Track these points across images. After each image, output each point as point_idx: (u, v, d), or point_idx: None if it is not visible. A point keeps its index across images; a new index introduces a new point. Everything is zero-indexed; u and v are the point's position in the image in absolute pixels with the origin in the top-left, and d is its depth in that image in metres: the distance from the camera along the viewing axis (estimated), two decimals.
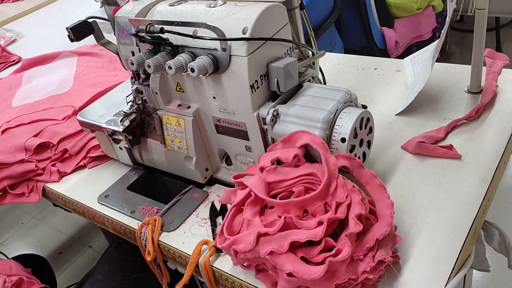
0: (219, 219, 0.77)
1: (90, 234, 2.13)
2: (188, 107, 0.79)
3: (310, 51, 0.83)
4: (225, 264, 0.69)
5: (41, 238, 2.19)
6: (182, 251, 0.74)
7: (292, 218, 0.60)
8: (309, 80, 0.79)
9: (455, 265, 0.61)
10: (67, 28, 0.83)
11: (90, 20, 0.85)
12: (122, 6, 0.83)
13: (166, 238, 0.76)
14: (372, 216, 0.63)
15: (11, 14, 2.16)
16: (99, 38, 0.88)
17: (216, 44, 0.70)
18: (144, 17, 0.79)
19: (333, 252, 0.57)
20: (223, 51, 0.69)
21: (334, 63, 1.12)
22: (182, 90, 0.79)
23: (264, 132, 0.74)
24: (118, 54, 0.86)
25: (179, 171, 0.86)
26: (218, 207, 0.79)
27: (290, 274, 0.57)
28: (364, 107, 0.76)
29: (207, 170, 0.84)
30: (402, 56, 1.83)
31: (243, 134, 0.76)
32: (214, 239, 0.73)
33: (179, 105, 0.81)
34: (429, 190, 0.73)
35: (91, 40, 0.88)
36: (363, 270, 0.57)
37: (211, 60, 0.70)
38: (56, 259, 2.04)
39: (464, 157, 0.77)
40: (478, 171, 0.74)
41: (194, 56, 0.72)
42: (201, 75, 0.71)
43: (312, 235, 0.58)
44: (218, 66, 0.70)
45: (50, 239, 2.16)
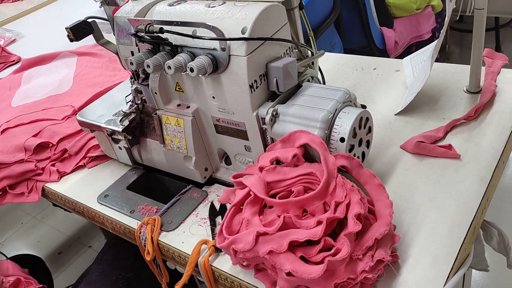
0: (219, 219, 0.77)
1: (89, 234, 2.13)
2: (188, 107, 0.79)
3: (309, 51, 0.83)
4: (224, 263, 0.70)
5: (40, 238, 2.19)
6: (182, 251, 0.74)
7: (291, 217, 0.60)
8: (308, 80, 0.79)
9: (454, 264, 0.61)
10: (66, 28, 0.83)
11: (90, 20, 0.85)
12: (121, 6, 0.83)
13: (166, 238, 0.77)
14: (371, 216, 0.63)
15: (10, 14, 2.16)
16: (99, 38, 0.88)
17: (216, 44, 0.70)
18: (144, 17, 0.79)
19: (332, 251, 0.57)
20: (222, 51, 0.69)
21: (333, 63, 1.12)
22: (181, 90, 0.79)
23: (263, 132, 0.74)
24: (117, 54, 0.87)
25: (179, 171, 0.86)
26: (218, 206, 0.79)
27: (289, 274, 0.57)
28: (363, 107, 0.76)
29: (206, 169, 0.84)
30: (402, 56, 1.83)
31: (242, 134, 0.76)
32: (214, 238, 0.73)
33: (179, 105, 0.81)
34: (428, 189, 0.73)
35: (90, 40, 0.88)
36: (362, 270, 0.57)
37: (210, 60, 0.70)
38: (55, 259, 2.04)
39: (463, 156, 0.77)
40: (477, 171, 0.74)
41: (194, 56, 0.72)
42: (200, 75, 0.72)
43: (311, 234, 0.58)
44: (218, 66, 0.71)
45: (50, 239, 2.16)
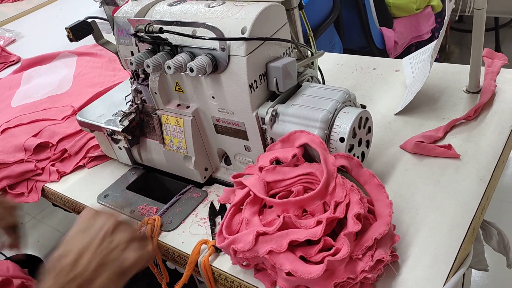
0: (218, 219, 0.77)
1: None
2: (187, 107, 0.79)
3: (309, 51, 0.83)
4: (224, 263, 0.70)
5: (40, 238, 2.18)
6: (181, 251, 0.74)
7: (291, 217, 0.60)
8: (308, 80, 0.79)
9: (453, 264, 0.61)
10: (66, 28, 0.83)
11: (89, 20, 0.85)
12: (121, 6, 0.83)
13: (166, 238, 0.77)
14: (371, 216, 0.63)
15: (10, 14, 2.16)
16: (99, 38, 0.88)
17: (215, 44, 0.70)
18: (143, 17, 0.79)
19: (332, 251, 0.57)
20: (222, 51, 0.69)
21: (333, 63, 1.12)
22: (181, 90, 0.79)
23: (263, 132, 0.74)
24: (117, 54, 0.87)
25: (178, 171, 0.86)
26: (217, 206, 0.79)
27: (289, 273, 0.57)
28: (363, 106, 0.76)
29: (206, 169, 0.84)
30: (401, 56, 1.83)
31: (242, 134, 0.76)
32: (213, 238, 0.73)
33: (178, 105, 0.81)
34: (427, 189, 0.73)
35: (90, 40, 0.88)
36: (361, 269, 0.57)
37: (210, 60, 0.70)
38: None
39: (463, 156, 0.77)
40: (477, 171, 0.74)
41: (193, 56, 0.72)
42: (200, 75, 0.72)
43: (311, 234, 0.58)
44: (217, 66, 0.71)
45: (50, 239, 2.16)
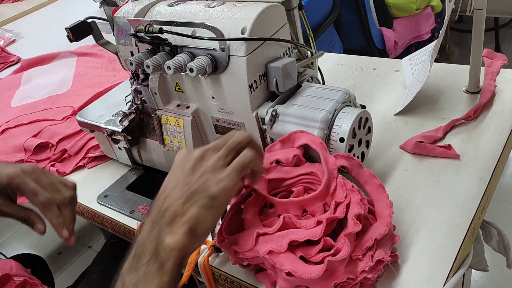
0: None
1: (89, 234, 2.13)
2: (187, 107, 0.79)
3: (309, 51, 0.83)
4: (224, 263, 0.69)
5: (40, 239, 2.18)
6: None
7: (291, 217, 0.60)
8: (308, 80, 0.79)
9: (453, 264, 0.61)
10: (66, 28, 0.83)
11: (89, 20, 0.85)
12: (121, 7, 0.83)
13: None
14: (371, 216, 0.63)
15: (10, 14, 2.16)
16: (98, 38, 0.88)
17: (215, 44, 0.70)
18: (143, 17, 0.79)
19: (332, 251, 0.57)
20: (222, 51, 0.69)
21: (333, 63, 1.12)
22: (181, 90, 0.79)
23: (263, 132, 0.74)
24: (117, 55, 0.87)
25: None
26: None
27: (289, 274, 0.57)
28: (363, 107, 0.76)
29: None
30: (401, 56, 1.83)
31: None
32: (213, 238, 0.73)
33: (178, 105, 0.81)
34: (427, 189, 0.73)
35: (90, 40, 0.88)
36: (362, 270, 0.57)
37: (210, 60, 0.70)
38: (55, 259, 2.04)
39: (463, 156, 0.77)
40: (477, 171, 0.74)
41: (193, 56, 0.72)
42: (200, 75, 0.72)
43: (311, 234, 0.58)
44: (217, 66, 0.71)
45: (50, 240, 2.16)
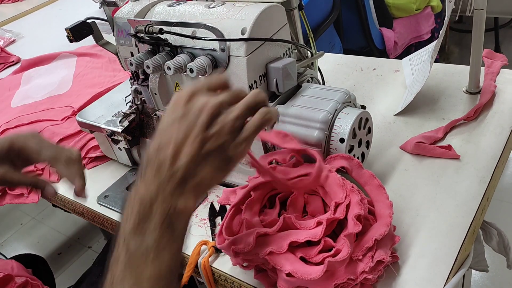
0: (218, 220, 0.77)
1: (89, 235, 2.13)
2: None
3: (309, 52, 0.83)
4: (224, 264, 0.69)
5: (40, 239, 2.18)
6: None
7: (291, 218, 0.60)
8: (308, 81, 0.79)
9: (454, 265, 0.61)
10: (66, 28, 0.83)
11: (89, 20, 0.85)
12: (121, 7, 0.83)
13: None
14: (371, 216, 0.63)
15: (10, 14, 2.15)
16: (98, 38, 0.88)
17: (215, 45, 0.70)
18: (143, 17, 0.79)
19: (332, 252, 0.57)
20: (222, 51, 0.69)
21: (333, 64, 1.12)
22: None
23: None
24: (117, 55, 0.87)
25: None
26: (217, 207, 0.79)
27: (289, 274, 0.57)
28: (363, 107, 0.76)
29: None
30: (401, 56, 1.83)
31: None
32: (213, 239, 0.73)
33: None
34: (428, 190, 0.73)
35: (90, 40, 0.88)
36: (362, 270, 0.57)
37: (210, 60, 0.70)
38: (55, 260, 2.04)
39: (463, 157, 0.77)
40: (477, 171, 0.74)
41: (193, 56, 0.72)
42: (200, 76, 0.71)
43: (311, 235, 0.58)
44: (217, 66, 0.71)
45: (50, 240, 2.16)
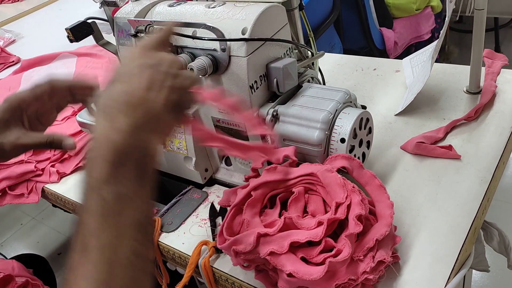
0: (219, 220, 0.77)
1: None
2: None
3: (309, 52, 0.83)
4: (225, 264, 0.69)
5: (40, 239, 2.18)
6: (182, 252, 0.74)
7: (292, 218, 0.60)
8: (308, 81, 0.79)
9: (454, 265, 0.61)
10: (66, 28, 0.83)
11: (90, 20, 0.85)
12: (121, 7, 0.83)
13: (166, 239, 0.76)
14: (372, 217, 0.63)
15: (10, 14, 2.15)
16: (99, 38, 0.88)
17: (216, 45, 0.70)
18: (144, 17, 0.79)
19: (333, 252, 0.57)
20: (223, 51, 0.69)
21: (333, 64, 1.12)
22: None
23: None
24: (117, 55, 0.86)
25: (179, 172, 0.86)
26: (218, 207, 0.79)
27: (290, 275, 0.57)
28: (364, 107, 0.76)
29: (206, 170, 0.84)
30: (401, 56, 1.83)
31: (242, 135, 0.76)
32: (214, 239, 0.73)
33: None
34: (428, 190, 0.73)
35: (90, 41, 0.88)
36: (363, 271, 0.57)
37: (211, 60, 0.70)
38: (55, 260, 2.04)
39: (464, 157, 0.77)
40: (478, 171, 0.74)
41: (194, 56, 0.72)
42: (200, 76, 0.71)
43: (312, 235, 0.58)
44: (218, 66, 0.70)
45: (50, 240, 2.16)
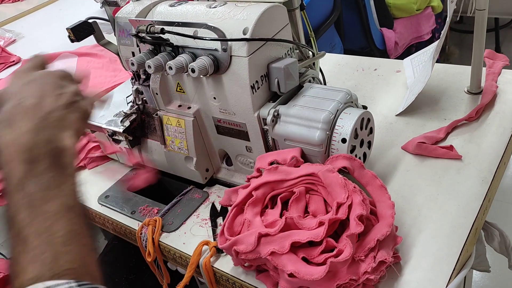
0: (220, 220, 0.77)
1: None
2: (189, 108, 0.79)
3: (310, 52, 0.83)
4: (225, 264, 0.69)
5: None
6: (183, 252, 0.74)
7: (293, 218, 0.60)
8: (309, 81, 0.79)
9: (456, 265, 0.61)
10: (67, 28, 0.83)
11: (91, 20, 0.85)
12: (122, 7, 0.83)
13: (167, 239, 0.76)
14: (373, 217, 0.63)
15: (10, 14, 2.15)
16: (100, 38, 0.88)
17: (217, 45, 0.69)
18: (145, 17, 0.79)
19: (334, 252, 0.57)
20: (224, 51, 0.69)
21: (334, 64, 1.12)
22: (182, 91, 0.79)
23: (264, 133, 0.74)
24: (118, 55, 0.86)
25: (180, 172, 0.86)
26: (219, 207, 0.79)
27: (291, 275, 0.57)
28: (365, 107, 0.76)
29: (207, 170, 0.84)
30: (402, 57, 1.83)
31: (243, 135, 0.76)
32: (215, 239, 0.73)
33: (180, 105, 0.81)
34: (429, 190, 0.73)
35: (91, 40, 0.88)
36: (364, 271, 0.57)
37: (212, 60, 0.70)
38: None
39: (465, 157, 0.77)
40: (479, 172, 0.74)
41: (195, 56, 0.72)
42: (201, 76, 0.71)
43: (313, 235, 0.58)
44: (219, 66, 0.70)
45: None
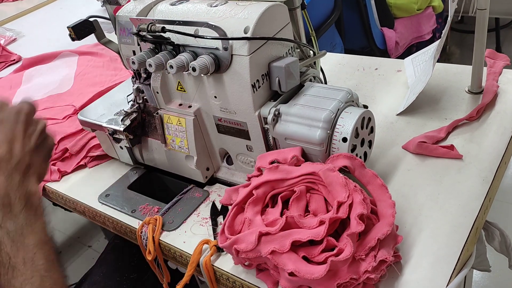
0: (220, 219, 0.77)
1: (89, 233, 2.13)
2: (189, 107, 0.79)
3: (311, 51, 0.83)
4: (226, 263, 0.69)
5: None
6: (183, 251, 0.74)
7: (293, 217, 0.60)
8: (310, 80, 0.79)
9: (456, 265, 0.61)
10: (68, 27, 0.83)
11: (91, 19, 0.85)
12: (123, 5, 0.83)
13: (167, 238, 0.76)
14: (374, 216, 0.63)
15: (11, 13, 2.15)
16: (100, 37, 0.88)
17: (218, 44, 0.69)
18: (146, 16, 0.79)
19: (334, 251, 0.57)
20: (225, 50, 0.69)
21: (335, 63, 1.12)
22: (183, 90, 0.79)
23: (265, 132, 0.74)
24: (119, 53, 0.86)
25: (180, 171, 0.86)
26: (219, 206, 0.79)
27: (291, 274, 0.57)
28: (365, 107, 0.76)
29: (208, 169, 0.84)
30: (402, 56, 1.82)
31: (244, 134, 0.76)
32: (215, 238, 0.73)
33: (180, 104, 0.81)
34: (430, 190, 0.73)
35: (92, 39, 0.88)
36: (364, 270, 0.57)
37: (213, 59, 0.70)
38: None
39: (465, 157, 0.77)
40: (479, 171, 0.74)
41: (196, 55, 0.72)
42: (202, 75, 0.71)
43: (314, 234, 0.58)
44: (220, 65, 0.70)
45: None
